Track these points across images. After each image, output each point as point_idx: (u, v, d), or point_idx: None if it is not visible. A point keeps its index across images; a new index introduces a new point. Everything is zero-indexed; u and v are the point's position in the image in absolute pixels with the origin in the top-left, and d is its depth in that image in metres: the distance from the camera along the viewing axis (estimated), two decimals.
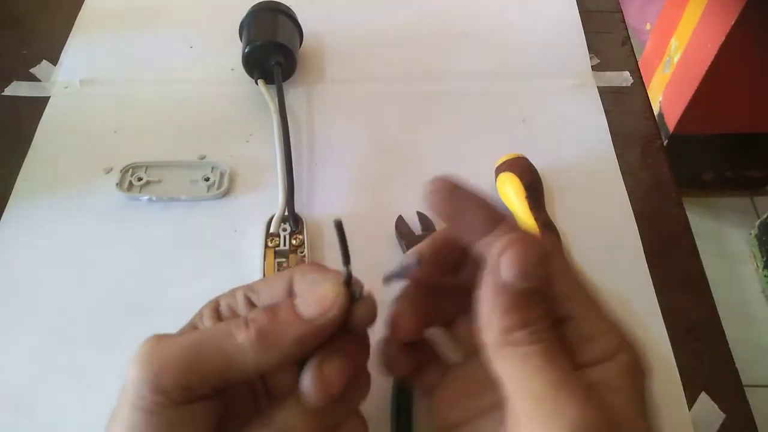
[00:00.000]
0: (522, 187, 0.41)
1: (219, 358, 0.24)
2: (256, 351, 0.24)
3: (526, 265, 0.22)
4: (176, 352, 0.24)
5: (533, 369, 0.22)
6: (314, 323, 0.24)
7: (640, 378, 0.23)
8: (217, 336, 0.24)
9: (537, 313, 0.23)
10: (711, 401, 0.36)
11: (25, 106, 0.49)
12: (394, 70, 0.52)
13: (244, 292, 0.27)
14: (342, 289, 0.25)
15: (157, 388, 0.23)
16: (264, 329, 0.24)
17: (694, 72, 1.20)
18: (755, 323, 1.28)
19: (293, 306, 0.25)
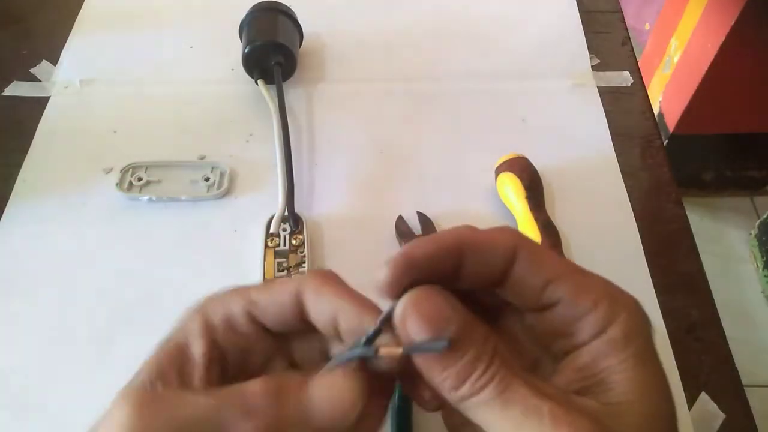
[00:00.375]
0: (522, 187, 0.41)
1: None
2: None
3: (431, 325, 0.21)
4: (168, 425, 0.20)
5: (493, 414, 0.20)
6: (325, 428, 0.21)
7: (638, 340, 0.22)
8: (207, 423, 0.21)
9: (471, 360, 0.21)
10: (711, 401, 0.36)
11: (25, 106, 0.49)
12: (394, 70, 0.52)
13: (244, 307, 0.24)
14: (363, 389, 0.21)
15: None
16: (268, 426, 0.21)
17: (694, 72, 1.20)
18: (755, 323, 1.28)
19: (305, 399, 0.21)
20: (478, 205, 0.43)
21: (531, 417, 0.20)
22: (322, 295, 0.23)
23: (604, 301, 0.22)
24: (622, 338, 0.22)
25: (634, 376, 0.21)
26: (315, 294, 0.23)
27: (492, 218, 0.43)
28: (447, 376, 0.21)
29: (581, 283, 0.23)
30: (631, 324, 0.22)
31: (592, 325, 0.22)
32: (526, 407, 0.20)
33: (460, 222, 0.45)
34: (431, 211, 0.42)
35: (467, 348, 0.21)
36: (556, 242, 0.40)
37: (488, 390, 0.20)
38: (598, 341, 0.22)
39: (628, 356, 0.21)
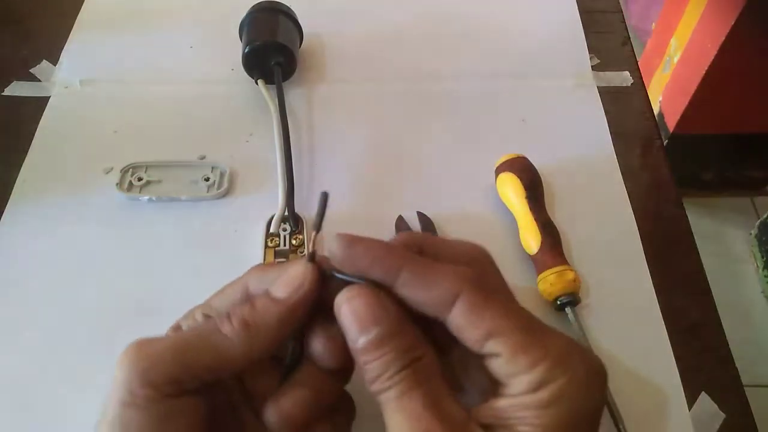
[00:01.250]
0: (522, 187, 0.41)
1: (207, 352, 0.25)
2: (241, 340, 0.25)
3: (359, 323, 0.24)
4: (164, 349, 0.25)
5: (387, 413, 0.23)
6: (290, 302, 0.25)
7: (563, 406, 0.22)
8: (203, 332, 0.25)
9: (388, 360, 0.23)
10: (711, 401, 0.36)
11: (25, 106, 0.49)
12: (394, 70, 0.52)
13: (202, 311, 0.27)
14: (309, 265, 0.26)
15: (147, 382, 0.24)
16: (245, 319, 0.25)
17: (694, 72, 1.20)
18: (755, 323, 1.28)
19: (267, 293, 0.26)
20: (478, 205, 0.43)
21: (410, 425, 0.22)
22: (264, 277, 0.27)
23: (544, 363, 0.22)
24: (548, 399, 0.22)
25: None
26: (258, 279, 0.27)
27: (492, 218, 0.43)
28: (367, 364, 0.24)
29: (522, 342, 0.23)
30: (566, 391, 0.22)
31: (524, 384, 0.22)
32: (410, 418, 0.22)
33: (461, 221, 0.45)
34: (431, 210, 0.42)
35: (387, 349, 0.23)
36: (556, 242, 0.40)
37: (390, 392, 0.23)
38: (525, 396, 0.22)
39: (544, 416, 0.22)
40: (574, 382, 0.22)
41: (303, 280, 0.25)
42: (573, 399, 0.22)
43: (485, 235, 0.42)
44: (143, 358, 0.24)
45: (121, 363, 0.24)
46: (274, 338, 0.25)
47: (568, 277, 0.37)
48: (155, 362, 0.24)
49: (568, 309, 0.37)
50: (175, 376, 0.24)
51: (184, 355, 0.25)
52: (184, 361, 0.24)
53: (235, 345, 0.25)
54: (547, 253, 0.39)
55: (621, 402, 0.35)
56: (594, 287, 0.40)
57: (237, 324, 0.25)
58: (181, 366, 0.24)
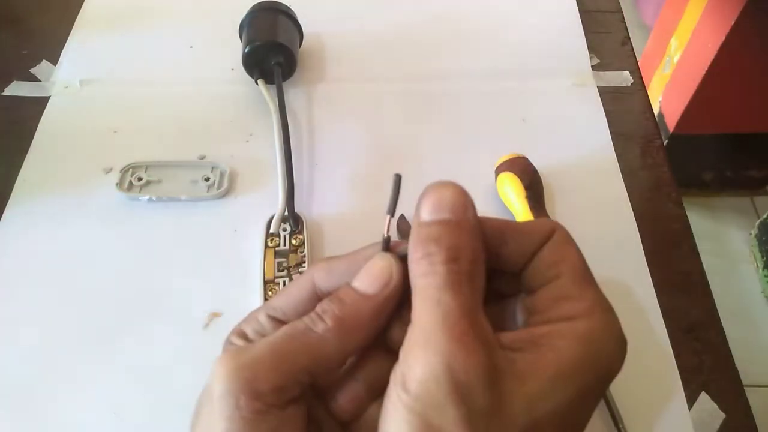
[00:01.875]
0: (522, 187, 0.41)
1: (303, 354, 0.24)
2: (337, 338, 0.24)
3: (436, 203, 0.24)
4: (262, 356, 0.24)
5: (422, 299, 0.22)
6: (381, 297, 0.25)
7: (593, 348, 0.22)
8: (295, 334, 0.24)
9: (440, 246, 0.23)
10: (711, 401, 0.36)
11: (25, 106, 0.49)
12: (394, 70, 0.52)
13: (266, 313, 0.27)
14: (391, 258, 0.25)
15: (254, 394, 0.23)
16: (339, 316, 0.24)
17: (694, 72, 1.20)
18: (755, 323, 1.28)
19: (354, 289, 0.25)
20: (478, 205, 0.43)
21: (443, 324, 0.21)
22: (333, 271, 0.26)
23: (594, 301, 0.23)
24: (578, 331, 0.22)
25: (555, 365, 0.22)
26: (326, 274, 0.26)
27: None
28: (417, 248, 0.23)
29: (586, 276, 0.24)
30: (598, 336, 0.22)
31: (568, 310, 0.23)
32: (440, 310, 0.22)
33: None
34: None
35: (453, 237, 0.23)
36: None
37: (432, 277, 0.22)
38: (560, 324, 0.23)
39: (566, 347, 0.22)
40: (606, 334, 0.23)
41: (391, 273, 0.25)
42: (599, 345, 0.22)
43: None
44: (244, 368, 0.23)
45: (220, 375, 0.23)
46: (368, 333, 0.25)
47: None
48: (257, 371, 0.23)
49: None
50: (279, 383, 0.23)
51: (283, 361, 0.24)
52: (284, 367, 0.24)
53: (331, 343, 0.24)
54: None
55: (621, 402, 0.35)
56: None
57: (332, 321, 0.24)
58: (282, 372, 0.23)
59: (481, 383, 0.21)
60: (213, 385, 0.23)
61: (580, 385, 0.21)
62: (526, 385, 0.21)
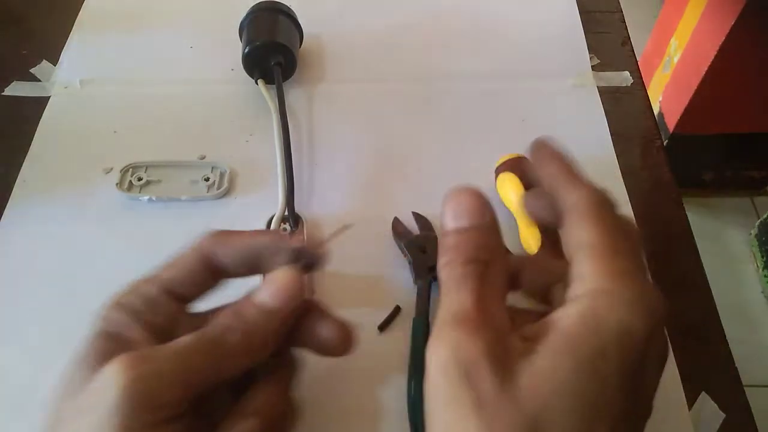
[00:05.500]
0: (522, 187, 0.41)
1: (211, 369, 0.24)
2: (247, 352, 0.25)
3: (456, 211, 0.26)
4: (169, 370, 0.23)
5: (443, 296, 0.24)
6: (286, 311, 0.26)
7: (587, 323, 0.22)
8: (203, 348, 0.25)
9: (459, 253, 0.24)
10: (711, 401, 0.36)
11: (25, 106, 0.49)
12: (394, 70, 0.52)
13: (159, 286, 0.27)
14: (296, 274, 0.27)
15: (151, 408, 0.22)
16: (248, 331, 0.25)
17: (694, 72, 1.20)
18: (755, 323, 1.28)
19: (260, 304, 0.26)
20: None
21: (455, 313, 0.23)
22: (229, 243, 0.28)
23: (604, 278, 0.23)
24: (588, 311, 0.22)
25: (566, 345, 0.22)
26: (222, 245, 0.28)
27: None
28: (447, 248, 0.25)
29: (599, 251, 0.24)
30: (609, 307, 0.22)
31: (577, 288, 0.24)
32: (456, 303, 0.23)
33: None
34: (431, 210, 0.42)
35: (469, 240, 0.25)
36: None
37: (452, 277, 0.24)
38: (572, 304, 0.23)
39: (577, 326, 0.22)
40: (607, 308, 0.22)
41: (295, 289, 0.26)
42: (598, 320, 0.22)
43: None
44: (146, 379, 0.23)
45: (118, 384, 0.22)
46: (270, 346, 0.26)
47: None
48: (161, 386, 0.23)
49: None
50: (180, 397, 0.23)
51: (191, 375, 0.24)
52: (190, 381, 0.24)
53: (236, 358, 0.25)
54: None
55: None
56: None
57: (238, 338, 0.25)
58: (187, 388, 0.23)
59: (487, 364, 0.21)
60: (105, 390, 0.22)
61: (579, 357, 0.21)
62: (534, 364, 0.21)
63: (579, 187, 0.26)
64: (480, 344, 0.21)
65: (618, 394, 0.21)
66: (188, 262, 0.28)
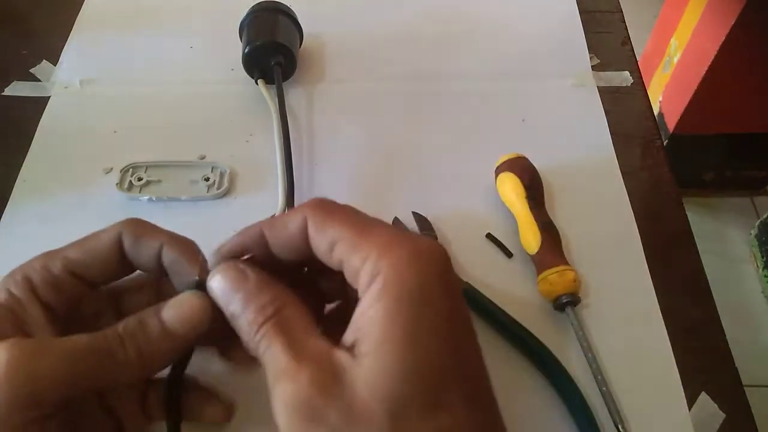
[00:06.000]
0: (522, 187, 0.41)
1: (100, 376, 0.25)
2: (136, 366, 0.25)
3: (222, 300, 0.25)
4: (56, 370, 0.24)
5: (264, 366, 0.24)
6: (186, 337, 0.26)
7: (391, 293, 0.22)
8: (96, 352, 0.25)
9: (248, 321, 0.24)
10: (711, 401, 0.36)
11: (25, 106, 0.49)
12: (394, 70, 0.52)
13: (64, 265, 0.27)
14: (204, 302, 0.26)
15: (34, 404, 0.23)
16: (140, 348, 0.25)
17: (694, 72, 1.20)
18: (755, 323, 1.28)
19: (163, 322, 0.26)
20: (478, 205, 0.43)
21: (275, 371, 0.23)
22: (143, 237, 0.28)
23: (372, 257, 0.23)
24: (378, 292, 0.22)
25: (378, 329, 0.22)
26: (135, 237, 0.28)
27: (492, 218, 0.42)
28: (240, 330, 0.24)
29: (355, 242, 0.24)
30: (390, 277, 0.22)
31: (363, 282, 0.23)
32: (272, 363, 0.23)
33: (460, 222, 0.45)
34: (431, 210, 0.42)
35: (250, 310, 0.24)
36: (556, 242, 0.40)
37: (259, 348, 0.23)
38: (365, 296, 0.23)
39: (378, 309, 0.22)
40: (396, 266, 0.22)
41: (202, 319, 0.26)
42: (398, 283, 0.22)
43: (485, 235, 0.42)
44: (32, 378, 0.23)
45: (2, 373, 0.23)
46: (166, 363, 0.27)
47: (569, 277, 0.37)
48: (46, 387, 0.23)
49: (568, 309, 0.37)
50: (64, 398, 0.24)
51: (78, 378, 0.24)
52: (77, 383, 0.24)
53: (129, 371, 0.25)
54: (547, 253, 0.39)
55: (621, 402, 0.35)
56: (594, 287, 0.40)
57: (134, 353, 0.25)
58: (74, 387, 0.24)
59: (321, 397, 0.21)
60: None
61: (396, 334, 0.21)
62: (364, 368, 0.21)
63: (299, 210, 0.26)
64: (305, 382, 0.21)
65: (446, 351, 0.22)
66: (100, 247, 0.28)
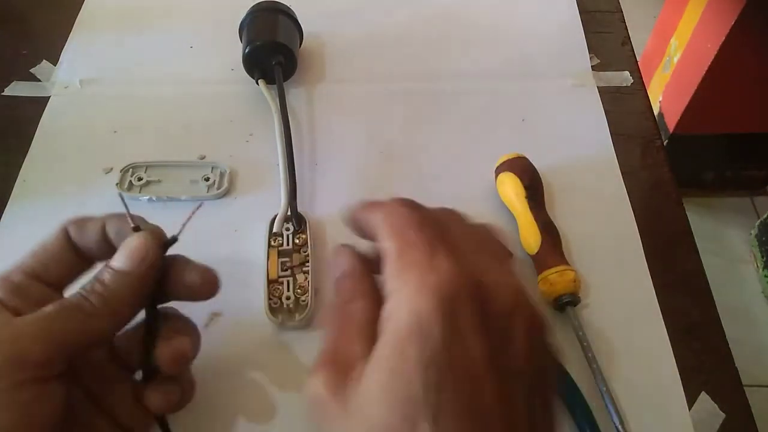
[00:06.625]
0: (522, 187, 0.41)
1: (74, 330, 0.26)
2: (103, 314, 0.27)
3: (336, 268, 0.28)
4: (34, 330, 0.25)
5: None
6: (138, 272, 0.28)
7: (394, 325, 0.22)
8: (65, 311, 0.26)
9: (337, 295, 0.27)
10: (711, 401, 0.36)
11: (25, 106, 0.49)
12: (394, 70, 0.52)
13: (23, 272, 0.28)
14: (148, 236, 0.29)
15: (23, 364, 0.24)
16: (103, 294, 0.27)
17: (694, 72, 1.20)
18: (755, 323, 1.28)
19: (116, 268, 0.28)
20: (478, 205, 0.43)
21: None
22: (85, 223, 0.30)
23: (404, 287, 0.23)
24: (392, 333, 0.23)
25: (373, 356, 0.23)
26: (80, 231, 0.30)
27: (492, 218, 0.43)
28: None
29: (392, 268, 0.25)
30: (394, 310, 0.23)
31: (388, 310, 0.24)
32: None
33: None
34: None
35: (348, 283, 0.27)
36: (556, 242, 0.40)
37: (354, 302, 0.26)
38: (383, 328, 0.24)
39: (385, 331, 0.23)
40: (403, 294, 0.23)
41: (147, 251, 0.28)
42: (395, 319, 0.23)
43: None
44: (13, 340, 0.25)
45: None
46: (132, 306, 0.28)
47: (569, 277, 0.37)
48: (29, 344, 0.25)
49: (568, 309, 0.37)
50: (50, 356, 0.25)
51: (55, 335, 0.26)
52: (56, 340, 0.25)
53: (99, 319, 0.27)
54: (547, 252, 0.39)
55: (621, 402, 0.35)
56: (594, 287, 0.40)
57: (96, 300, 0.27)
58: (54, 345, 0.25)
59: (330, 398, 0.23)
60: None
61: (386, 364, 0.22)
62: (362, 384, 0.23)
63: (377, 209, 0.28)
64: (322, 382, 0.24)
65: (422, 388, 0.21)
66: (52, 249, 0.29)
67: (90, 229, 0.30)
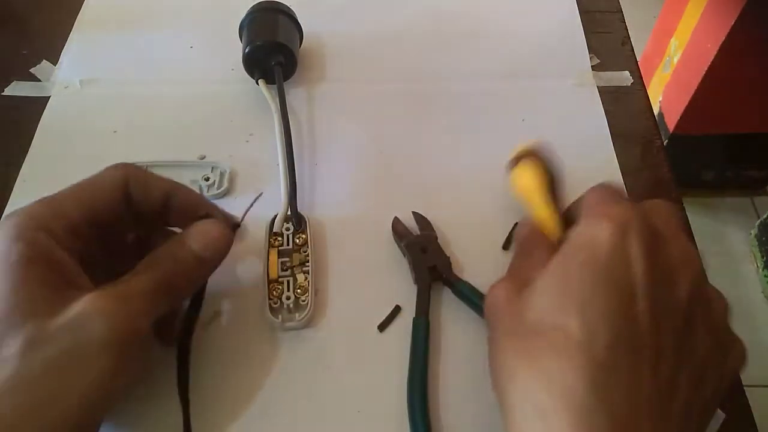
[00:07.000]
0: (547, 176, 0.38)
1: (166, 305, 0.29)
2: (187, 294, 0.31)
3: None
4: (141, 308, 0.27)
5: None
6: (213, 263, 0.31)
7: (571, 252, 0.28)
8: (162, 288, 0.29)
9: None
10: None
11: (25, 106, 0.49)
12: (394, 70, 0.52)
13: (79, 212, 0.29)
14: (225, 229, 0.32)
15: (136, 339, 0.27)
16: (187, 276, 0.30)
17: (694, 72, 1.20)
18: (755, 323, 1.28)
19: (195, 252, 0.30)
20: (478, 205, 0.43)
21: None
22: (149, 181, 0.32)
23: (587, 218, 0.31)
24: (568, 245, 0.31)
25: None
26: (143, 182, 0.31)
27: (492, 218, 0.43)
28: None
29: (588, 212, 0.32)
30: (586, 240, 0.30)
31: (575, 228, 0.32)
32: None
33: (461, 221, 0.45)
34: (431, 210, 0.42)
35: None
36: None
37: None
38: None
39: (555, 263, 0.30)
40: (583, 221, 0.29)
41: (227, 246, 0.32)
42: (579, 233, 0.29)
43: (485, 235, 0.42)
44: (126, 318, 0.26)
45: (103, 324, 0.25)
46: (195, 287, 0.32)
47: None
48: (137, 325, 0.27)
49: None
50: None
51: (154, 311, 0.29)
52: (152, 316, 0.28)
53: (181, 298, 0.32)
54: None
55: None
56: None
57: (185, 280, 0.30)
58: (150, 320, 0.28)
59: (505, 302, 0.30)
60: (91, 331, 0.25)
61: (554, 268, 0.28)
62: (532, 286, 0.29)
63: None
64: (501, 293, 0.30)
65: (579, 284, 0.26)
66: (109, 190, 0.30)
67: (154, 188, 0.31)
